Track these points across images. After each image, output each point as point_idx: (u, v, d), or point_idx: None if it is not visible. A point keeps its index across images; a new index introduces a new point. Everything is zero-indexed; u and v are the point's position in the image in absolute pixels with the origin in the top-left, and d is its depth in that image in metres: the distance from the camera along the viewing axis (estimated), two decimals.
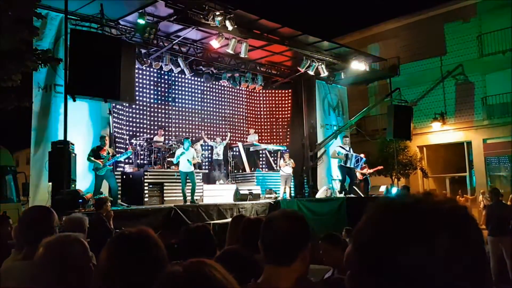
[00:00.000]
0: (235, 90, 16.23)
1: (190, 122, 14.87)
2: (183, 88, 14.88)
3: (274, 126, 16.94)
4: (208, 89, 15.53)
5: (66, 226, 3.69)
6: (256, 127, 16.43)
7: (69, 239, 1.87)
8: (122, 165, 11.99)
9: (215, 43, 11.49)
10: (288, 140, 16.38)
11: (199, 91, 15.28)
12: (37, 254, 1.82)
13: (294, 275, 1.63)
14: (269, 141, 16.40)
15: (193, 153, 10.99)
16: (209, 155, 14.32)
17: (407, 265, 0.58)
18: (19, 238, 2.66)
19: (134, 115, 13.32)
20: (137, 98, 12.14)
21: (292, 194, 14.03)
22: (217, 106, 15.82)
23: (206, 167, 14.20)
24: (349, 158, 12.64)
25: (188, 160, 10.68)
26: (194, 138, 14.21)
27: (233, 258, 2.04)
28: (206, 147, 14.39)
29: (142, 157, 12.40)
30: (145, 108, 13.67)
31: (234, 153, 15.18)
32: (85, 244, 1.85)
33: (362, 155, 14.86)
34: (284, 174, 12.99)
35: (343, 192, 12.76)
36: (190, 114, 14.92)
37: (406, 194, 0.67)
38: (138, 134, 13.04)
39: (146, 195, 10.79)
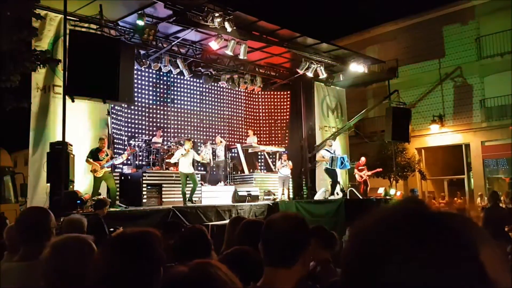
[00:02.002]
0: (234, 92, 16.23)
1: (189, 123, 14.87)
2: (182, 89, 14.88)
3: (272, 128, 16.94)
4: (207, 90, 15.53)
5: (65, 227, 3.68)
6: (255, 128, 16.42)
7: (77, 240, 1.87)
8: (121, 166, 11.98)
9: (214, 45, 11.50)
10: (286, 141, 16.39)
11: (198, 92, 15.28)
12: (44, 254, 1.82)
13: (294, 278, 1.63)
14: (267, 142, 16.39)
15: (193, 154, 10.98)
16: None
17: (400, 277, 0.58)
18: (14, 239, 2.65)
19: (132, 116, 13.30)
20: (136, 99, 12.13)
21: (291, 196, 14.02)
22: (216, 108, 15.82)
23: (206, 168, 14.17)
24: (334, 160, 12.58)
25: (188, 160, 10.68)
26: (202, 140, 14.29)
27: (241, 258, 2.04)
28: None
29: (140, 158, 12.38)
30: (144, 109, 13.66)
31: (233, 154, 15.18)
32: (93, 245, 1.85)
33: (363, 158, 14.90)
34: (282, 175, 12.98)
35: (335, 194, 12.72)
36: (188, 115, 14.91)
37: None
38: (136, 135, 13.02)
39: (145, 196, 10.76)
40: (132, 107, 12.99)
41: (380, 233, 0.62)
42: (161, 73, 13.76)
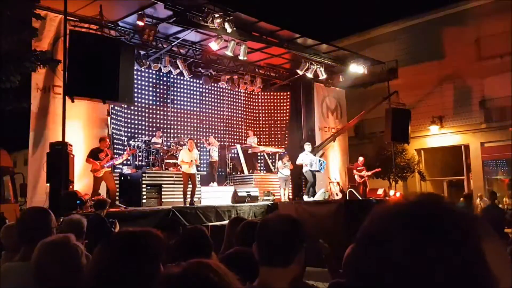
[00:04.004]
0: (234, 92, 16.24)
1: (189, 123, 14.88)
2: (182, 90, 14.89)
3: (272, 129, 16.95)
4: (207, 91, 15.54)
5: (64, 227, 3.68)
6: (255, 129, 16.43)
7: (62, 241, 1.89)
8: (120, 166, 11.98)
9: (214, 45, 11.51)
10: (286, 142, 16.39)
11: (198, 93, 15.29)
12: (33, 255, 1.84)
13: (289, 277, 1.64)
14: (267, 143, 16.40)
15: (196, 154, 11.00)
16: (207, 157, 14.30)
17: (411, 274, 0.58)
18: (12, 238, 2.65)
19: (132, 117, 13.31)
20: (135, 99, 12.14)
21: (290, 196, 14.03)
22: (216, 108, 15.83)
23: (203, 169, 14.18)
24: (313, 161, 12.53)
25: (191, 161, 10.69)
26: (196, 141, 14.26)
27: (241, 259, 2.05)
28: (203, 149, 14.36)
29: (140, 158, 12.38)
30: (143, 109, 13.67)
31: (233, 155, 15.18)
32: (78, 245, 1.87)
33: (361, 158, 14.92)
34: (282, 176, 13.00)
35: (313, 196, 12.65)
36: (188, 115, 14.92)
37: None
38: (136, 135, 13.03)
39: (144, 197, 10.77)
40: (132, 108, 13.00)
41: (393, 234, 0.62)
42: (161, 74, 13.77)
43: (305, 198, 12.76)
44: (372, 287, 0.61)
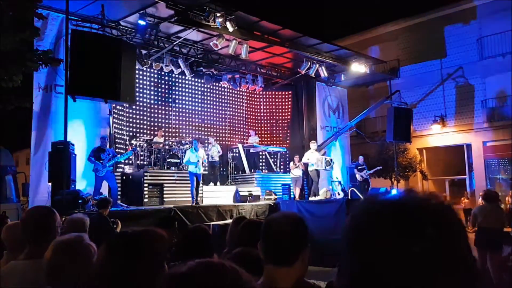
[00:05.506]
0: (235, 92, 16.24)
1: (190, 123, 14.88)
2: (183, 89, 14.90)
3: (274, 128, 16.94)
4: (209, 90, 15.54)
5: (67, 226, 3.68)
6: (256, 128, 16.44)
7: (78, 240, 1.89)
8: (122, 166, 11.99)
9: (215, 45, 11.51)
10: (288, 141, 16.39)
11: (199, 92, 15.29)
12: (47, 254, 1.84)
13: (294, 276, 1.65)
14: (269, 142, 16.40)
15: (202, 154, 11.02)
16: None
17: (392, 269, 0.60)
18: (14, 238, 2.65)
19: (134, 116, 13.32)
20: (137, 98, 12.14)
21: (292, 196, 14.04)
22: (217, 107, 15.82)
23: (205, 168, 14.17)
24: (320, 160, 12.58)
25: (198, 161, 10.71)
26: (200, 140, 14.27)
27: (245, 258, 2.05)
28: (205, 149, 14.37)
29: (142, 158, 12.40)
30: (145, 108, 13.68)
31: (234, 154, 15.18)
32: (92, 245, 1.88)
33: (362, 157, 14.92)
34: (294, 176, 13.19)
35: (314, 195, 12.67)
36: (190, 115, 14.93)
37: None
38: (138, 134, 13.04)
39: (146, 196, 10.79)
40: (134, 107, 13.01)
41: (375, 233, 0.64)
42: (163, 73, 13.77)
43: (307, 197, 12.83)
44: (360, 277, 0.64)
